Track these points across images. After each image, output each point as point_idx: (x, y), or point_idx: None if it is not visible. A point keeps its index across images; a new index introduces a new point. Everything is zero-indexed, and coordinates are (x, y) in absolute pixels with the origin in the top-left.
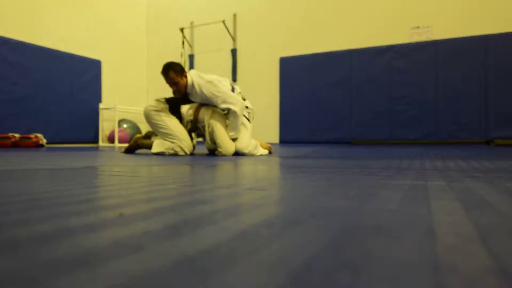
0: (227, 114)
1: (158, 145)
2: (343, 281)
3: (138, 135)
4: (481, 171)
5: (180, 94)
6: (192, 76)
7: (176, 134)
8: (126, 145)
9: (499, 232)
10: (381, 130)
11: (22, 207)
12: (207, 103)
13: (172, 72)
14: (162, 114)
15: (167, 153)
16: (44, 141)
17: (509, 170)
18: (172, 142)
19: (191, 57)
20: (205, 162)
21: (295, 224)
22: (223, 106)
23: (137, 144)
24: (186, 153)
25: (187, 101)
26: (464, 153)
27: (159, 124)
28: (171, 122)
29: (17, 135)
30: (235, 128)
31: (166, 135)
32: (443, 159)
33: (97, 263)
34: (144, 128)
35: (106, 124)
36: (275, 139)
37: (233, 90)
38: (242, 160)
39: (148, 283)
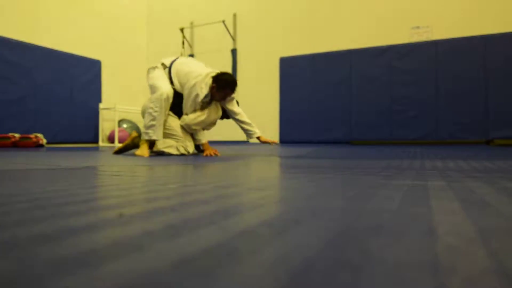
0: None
1: (161, 143)
2: (343, 281)
3: (135, 134)
4: (481, 171)
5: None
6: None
7: (180, 134)
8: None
9: (499, 232)
10: (381, 130)
11: (22, 207)
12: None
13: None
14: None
15: (172, 152)
16: (44, 141)
17: (509, 170)
18: (176, 141)
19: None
20: (205, 162)
21: (295, 224)
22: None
23: (134, 144)
24: (189, 152)
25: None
26: (464, 153)
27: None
28: (174, 123)
29: (17, 135)
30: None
31: (169, 136)
32: (443, 159)
33: (97, 263)
34: None
35: (106, 124)
36: (275, 139)
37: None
38: (242, 161)
39: (148, 283)
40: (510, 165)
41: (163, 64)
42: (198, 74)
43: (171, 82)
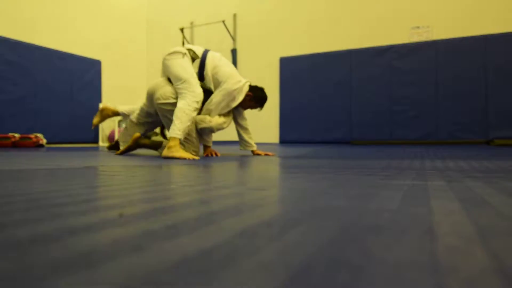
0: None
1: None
2: (343, 281)
3: (137, 135)
4: (481, 171)
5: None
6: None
7: (192, 139)
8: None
9: (499, 232)
10: (381, 130)
11: (22, 207)
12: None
13: None
14: None
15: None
16: (44, 141)
17: (509, 170)
18: (183, 145)
19: None
20: (205, 163)
21: (295, 224)
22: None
23: (137, 144)
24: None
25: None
26: (464, 153)
27: None
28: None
29: (17, 135)
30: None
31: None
32: (443, 159)
33: (97, 263)
34: None
35: (106, 124)
36: (275, 139)
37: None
38: (242, 161)
39: (148, 283)
40: (510, 165)
41: (190, 50)
42: (239, 80)
43: (201, 74)
